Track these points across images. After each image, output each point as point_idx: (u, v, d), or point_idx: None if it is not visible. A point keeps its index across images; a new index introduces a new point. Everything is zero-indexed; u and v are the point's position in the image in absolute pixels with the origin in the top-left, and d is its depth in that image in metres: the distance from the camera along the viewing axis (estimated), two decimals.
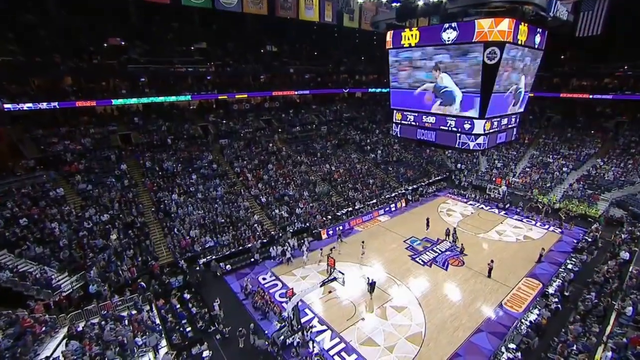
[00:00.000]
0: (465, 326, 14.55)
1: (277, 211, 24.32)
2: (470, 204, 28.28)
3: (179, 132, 30.25)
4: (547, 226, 24.08)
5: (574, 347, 12.67)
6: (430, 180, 32.79)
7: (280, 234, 21.86)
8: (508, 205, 27.20)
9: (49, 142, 24.28)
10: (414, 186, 30.98)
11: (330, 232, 23.05)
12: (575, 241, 21.65)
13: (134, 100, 28.89)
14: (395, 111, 17.61)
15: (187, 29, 35.78)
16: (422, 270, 18.92)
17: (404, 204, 28.19)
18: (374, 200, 27.80)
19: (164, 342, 13.37)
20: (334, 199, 27.28)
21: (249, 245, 20.46)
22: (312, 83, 41.86)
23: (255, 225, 22.61)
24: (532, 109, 41.86)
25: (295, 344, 13.19)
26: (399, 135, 17.88)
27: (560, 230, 23.43)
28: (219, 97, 34.13)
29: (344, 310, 15.63)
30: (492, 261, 17.96)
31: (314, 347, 13.32)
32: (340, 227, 23.05)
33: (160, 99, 29.84)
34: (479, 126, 14.26)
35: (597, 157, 31.82)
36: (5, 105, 22.41)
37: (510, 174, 32.73)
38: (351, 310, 15.58)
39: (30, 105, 23.39)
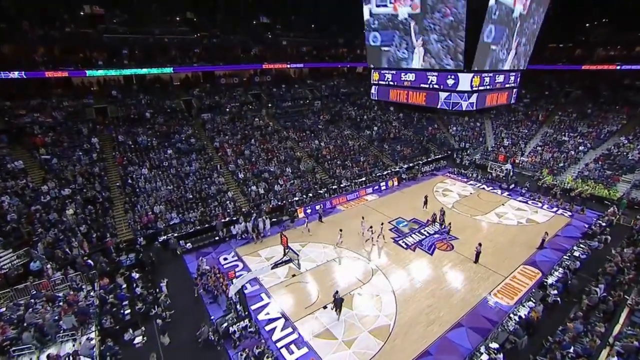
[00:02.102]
0: (442, 320, 12.45)
1: (253, 188, 22.48)
2: (471, 184, 25.57)
3: (159, 106, 28.54)
4: (555, 209, 21.28)
5: (571, 350, 10.41)
6: (429, 159, 30.07)
7: (252, 211, 20.05)
8: (513, 185, 24.35)
9: (15, 114, 23.00)
10: (410, 164, 28.40)
11: (309, 211, 21.08)
12: (586, 226, 18.88)
13: (112, 72, 27.12)
14: (372, 71, 15.11)
15: None
16: (404, 254, 16.77)
17: (396, 183, 25.80)
18: (363, 178, 25.51)
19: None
20: (318, 176, 25.19)
21: (215, 222, 18.78)
22: (307, 57, 39.09)
23: (228, 202, 20.89)
24: (548, 83, 38.05)
25: (238, 333, 11.44)
26: (376, 99, 15.45)
27: (570, 213, 20.63)
28: (204, 70, 32.09)
29: (306, 297, 13.78)
30: (479, 245, 15.62)
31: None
32: (321, 206, 21.00)
33: (140, 71, 27.98)
34: (465, 81, 11.68)
35: (621, 135, 28.22)
36: None
37: (519, 153, 29.57)
38: (313, 298, 13.71)
39: None
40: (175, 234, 18.09)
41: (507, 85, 13.70)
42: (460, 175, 27.34)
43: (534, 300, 12.81)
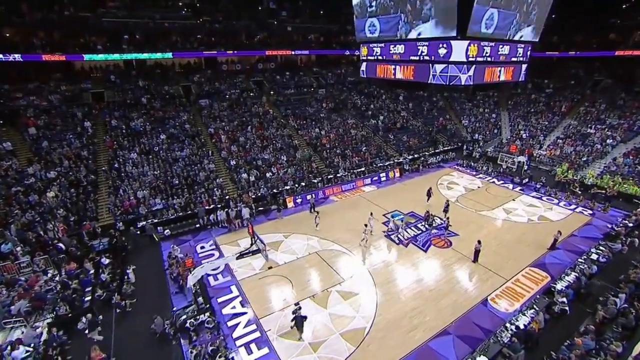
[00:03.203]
0: (427, 325, 10.92)
1: (244, 175, 21.47)
2: (480, 178, 23.48)
3: (157, 91, 28.00)
4: (573, 206, 19.02)
5: None
6: (436, 150, 28.06)
7: (237, 199, 19.06)
8: (526, 180, 22.08)
9: (12, 97, 22.96)
10: (415, 155, 26.56)
11: (299, 201, 19.85)
12: (609, 226, 16.62)
13: (109, 57, 26.64)
14: (361, 45, 13.58)
15: None
16: (394, 249, 15.26)
17: (397, 174, 24.13)
18: (362, 169, 23.99)
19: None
20: (315, 165, 23.86)
21: (197, 209, 17.91)
22: (313, 43, 37.55)
23: (215, 189, 19.99)
24: (575, 72, 34.77)
25: (192, 327, 10.41)
26: (365, 76, 13.93)
27: (590, 211, 18.34)
28: (202, 56, 31.24)
29: (279, 292, 12.59)
30: (479, 242, 13.85)
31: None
32: (312, 195, 19.70)
33: (139, 55, 27.47)
34: (459, 50, 9.94)
35: None
36: None
37: (537, 145, 27.04)
38: (286, 293, 12.51)
39: None
40: (156, 220, 17.37)
41: (513, 59, 11.80)
42: (469, 168, 25.24)
43: (537, 308, 11.03)
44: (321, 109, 31.33)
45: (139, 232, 16.66)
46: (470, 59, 10.14)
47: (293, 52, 34.84)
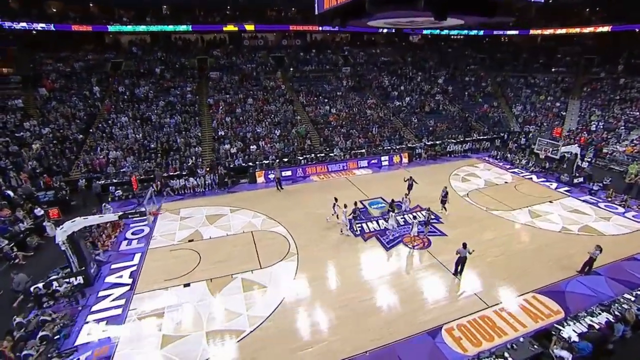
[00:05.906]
0: (329, 347, 7.50)
1: (227, 146, 19.74)
2: (513, 172, 17.90)
3: (173, 63, 28.05)
4: None
5: None
6: (466, 139, 22.68)
7: (199, 169, 17.41)
8: (581, 179, 15.96)
9: (42, 62, 24.84)
10: (436, 142, 21.80)
11: (271, 177, 17.30)
12: None
13: (137, 28, 27.33)
14: None
15: None
16: (348, 241, 11.78)
17: (405, 160, 19.93)
18: (363, 150, 20.36)
19: None
20: (308, 142, 21.02)
21: (155, 173, 16.68)
22: None
23: (190, 157, 18.65)
24: None
25: (39, 292, 8.74)
26: (317, 12, 10.65)
27: None
28: (223, 30, 30.38)
29: (179, 268, 10.31)
30: (464, 246, 9.49)
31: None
32: (279, 172, 16.97)
33: (159, 27, 27.71)
34: None
35: None
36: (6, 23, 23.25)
37: (612, 139, 19.90)
38: (185, 271, 10.17)
39: (24, 25, 23.81)
40: (115, 180, 16.61)
41: None
42: (504, 160, 19.60)
43: (509, 358, 6.76)
44: (340, 87, 28.14)
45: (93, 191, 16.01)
46: None
47: (320, 28, 32.04)
